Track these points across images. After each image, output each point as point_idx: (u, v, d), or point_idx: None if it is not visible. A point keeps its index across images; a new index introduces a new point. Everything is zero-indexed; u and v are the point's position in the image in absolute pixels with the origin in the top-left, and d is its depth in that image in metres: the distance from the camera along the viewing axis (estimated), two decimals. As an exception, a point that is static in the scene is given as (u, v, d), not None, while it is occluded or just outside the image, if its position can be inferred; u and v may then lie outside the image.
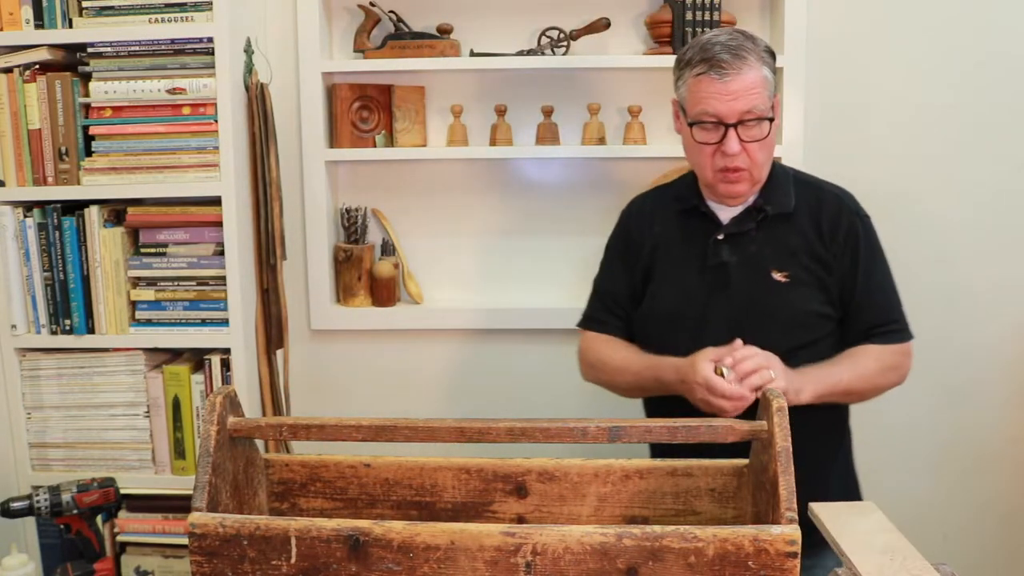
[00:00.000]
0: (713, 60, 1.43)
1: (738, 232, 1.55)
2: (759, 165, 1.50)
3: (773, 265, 1.53)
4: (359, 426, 1.11)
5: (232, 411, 1.14)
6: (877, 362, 1.52)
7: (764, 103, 1.45)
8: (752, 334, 1.47)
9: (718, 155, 1.48)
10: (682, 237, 1.60)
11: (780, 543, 0.91)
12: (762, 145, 1.48)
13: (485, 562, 0.95)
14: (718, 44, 1.45)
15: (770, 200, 1.55)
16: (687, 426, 1.10)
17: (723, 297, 1.54)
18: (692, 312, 1.55)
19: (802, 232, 1.54)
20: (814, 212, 1.56)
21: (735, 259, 1.54)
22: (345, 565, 0.97)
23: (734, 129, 1.45)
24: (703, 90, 1.45)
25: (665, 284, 1.60)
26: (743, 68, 1.43)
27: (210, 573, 0.99)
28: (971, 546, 2.32)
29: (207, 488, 1.03)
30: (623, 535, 0.93)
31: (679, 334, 1.54)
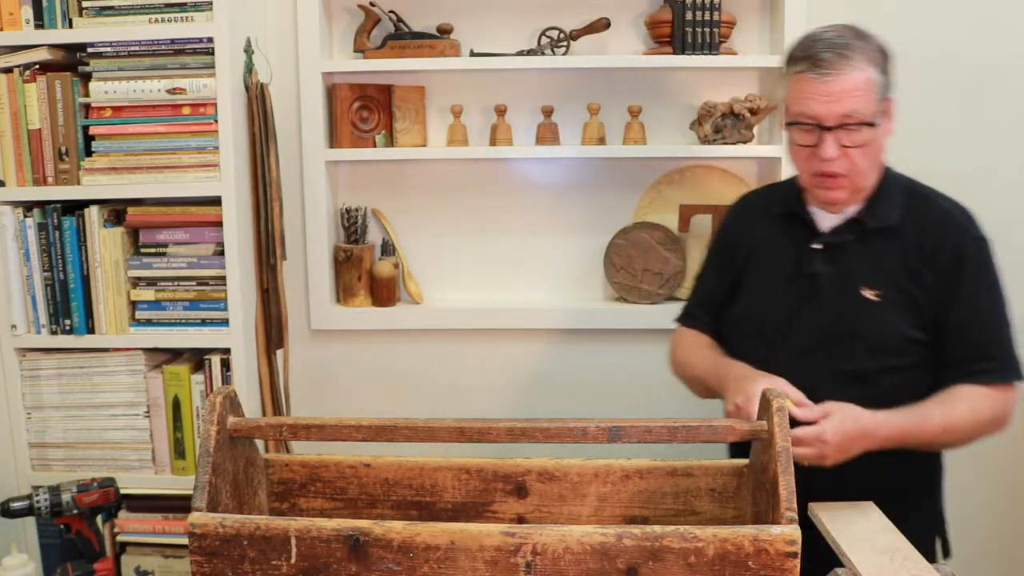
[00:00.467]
0: (814, 58, 1.37)
1: (835, 243, 1.47)
2: (860, 172, 1.42)
3: (865, 281, 1.45)
4: (359, 426, 1.11)
5: (232, 411, 1.14)
6: (971, 409, 1.39)
7: (867, 107, 1.37)
8: (834, 352, 1.44)
9: (815, 159, 1.40)
10: (778, 242, 1.54)
11: (780, 543, 0.91)
12: (864, 151, 1.39)
13: (485, 562, 0.95)
14: (822, 41, 1.38)
15: (873, 212, 1.46)
16: (687, 426, 1.10)
17: (809, 309, 1.47)
18: (776, 320, 1.50)
19: (903, 249, 1.45)
20: (920, 228, 1.45)
21: (828, 271, 1.47)
22: (345, 565, 0.97)
23: (832, 133, 1.37)
24: (802, 90, 1.39)
25: (754, 288, 1.56)
26: (845, 68, 1.36)
27: (210, 573, 0.99)
28: (971, 546, 2.32)
29: (207, 488, 1.03)
30: (623, 535, 0.93)
31: (760, 341, 1.50)
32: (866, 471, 1.33)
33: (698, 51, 2.11)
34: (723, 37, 2.12)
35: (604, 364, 2.33)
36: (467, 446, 1.18)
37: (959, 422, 1.38)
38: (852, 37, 1.39)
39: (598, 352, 2.32)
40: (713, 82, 2.22)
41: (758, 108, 2.14)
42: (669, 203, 2.25)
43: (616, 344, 2.31)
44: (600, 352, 2.32)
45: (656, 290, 2.25)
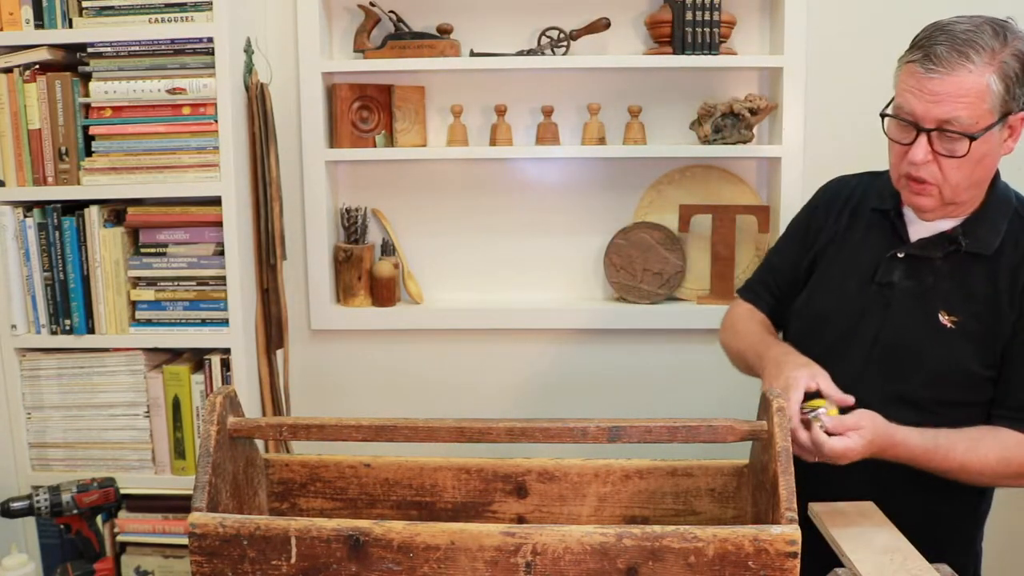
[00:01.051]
0: (929, 50, 1.23)
1: (920, 256, 1.36)
2: (952, 185, 1.28)
3: (944, 305, 1.33)
4: (359, 426, 1.11)
5: (232, 411, 1.14)
6: (1001, 457, 1.29)
7: (973, 116, 1.22)
8: (893, 372, 1.35)
9: (906, 159, 1.28)
10: (861, 239, 1.44)
11: (780, 543, 0.91)
12: (961, 163, 1.25)
13: (485, 562, 0.95)
14: (946, 33, 1.24)
15: (970, 233, 1.33)
16: (687, 426, 1.09)
17: (877, 320, 1.38)
18: (840, 324, 1.41)
19: (993, 277, 1.32)
20: (1018, 260, 1.32)
21: (906, 284, 1.36)
22: (345, 565, 0.97)
23: (927, 136, 1.25)
24: (907, 81, 1.26)
25: (825, 283, 1.46)
26: (958, 68, 1.21)
27: (210, 573, 0.99)
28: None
29: (207, 488, 1.03)
30: (623, 535, 0.93)
31: (818, 342, 1.41)
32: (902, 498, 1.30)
33: (698, 51, 2.11)
34: (723, 37, 2.12)
35: (604, 364, 2.33)
36: (467, 446, 1.18)
37: (981, 465, 1.29)
38: (987, 34, 1.23)
39: (598, 352, 2.32)
40: (713, 82, 2.22)
41: (758, 108, 2.14)
42: (669, 203, 2.25)
43: (616, 344, 2.31)
44: (600, 352, 2.32)
45: (656, 290, 2.25)
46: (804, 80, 2.13)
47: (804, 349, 1.39)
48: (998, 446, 1.29)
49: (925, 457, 1.28)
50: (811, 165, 2.14)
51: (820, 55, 2.16)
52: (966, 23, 1.25)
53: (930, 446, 1.27)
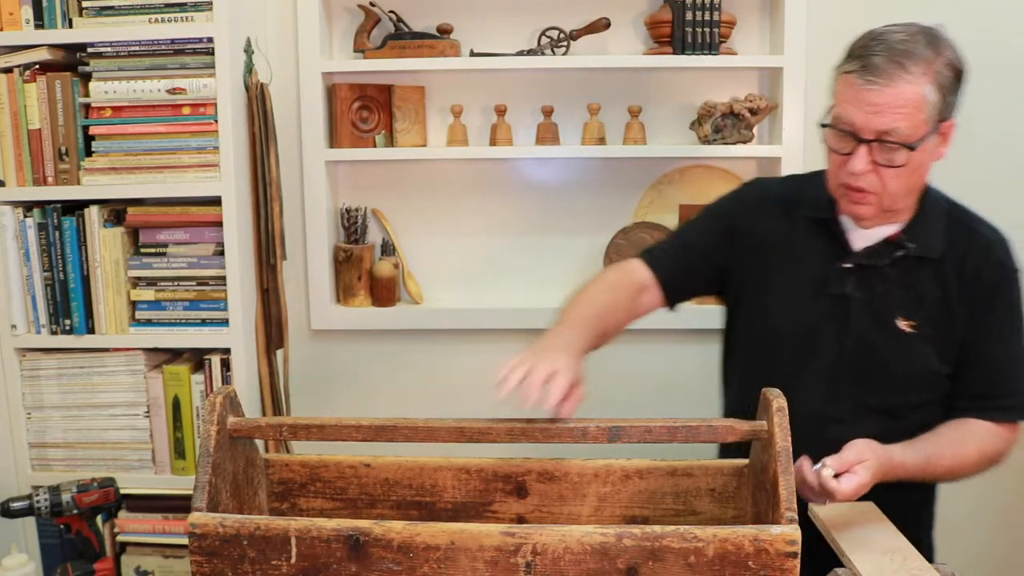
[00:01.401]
0: (866, 61, 1.24)
1: (868, 265, 1.36)
2: (891, 194, 1.29)
3: (900, 311, 1.35)
4: (359, 426, 1.11)
5: (232, 411, 1.14)
6: (979, 451, 1.33)
7: (912, 127, 1.23)
8: (861, 381, 1.37)
9: (845, 168, 1.29)
10: (804, 252, 1.41)
11: (780, 543, 0.91)
12: (899, 172, 1.26)
13: (485, 562, 0.95)
14: (883, 43, 1.24)
15: (916, 238, 1.35)
16: (687, 426, 1.09)
17: (837, 332, 1.38)
18: (798, 339, 1.39)
19: (941, 279, 1.35)
20: (961, 258, 1.35)
21: (859, 295, 1.36)
22: (345, 565, 0.96)
23: (867, 146, 1.25)
24: (846, 92, 1.27)
25: (777, 298, 1.43)
26: (896, 80, 1.22)
27: (210, 573, 0.99)
28: (971, 546, 2.32)
29: (207, 488, 1.03)
30: (623, 535, 0.93)
31: (782, 354, 1.41)
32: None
33: (698, 51, 2.11)
34: (723, 37, 2.12)
35: (604, 364, 2.31)
36: (467, 446, 1.18)
37: (965, 464, 1.33)
38: (920, 44, 1.24)
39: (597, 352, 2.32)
40: (713, 82, 2.22)
41: (758, 108, 2.14)
42: (669, 203, 2.25)
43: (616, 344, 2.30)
44: (599, 352, 2.31)
45: (656, 290, 2.25)
46: (804, 80, 2.13)
47: (765, 368, 1.40)
48: (975, 441, 1.34)
49: (920, 471, 1.29)
50: (811, 165, 2.13)
51: (820, 55, 2.15)
52: (901, 32, 1.26)
53: (922, 459, 1.29)
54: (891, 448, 1.26)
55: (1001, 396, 1.37)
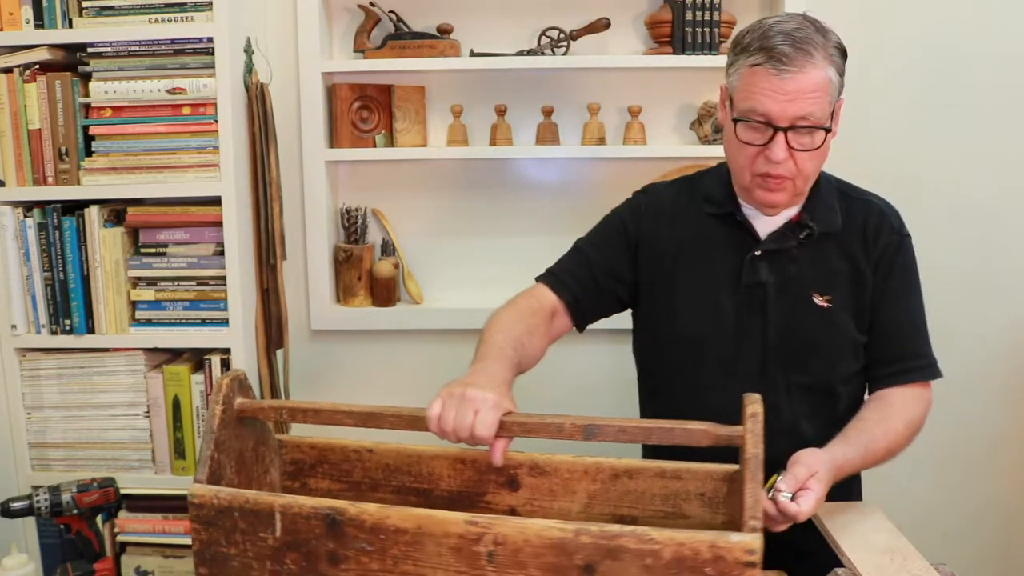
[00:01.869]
0: (773, 51, 1.26)
1: (777, 249, 1.39)
2: (805, 176, 1.33)
3: (815, 288, 1.39)
4: (350, 412, 1.15)
5: (242, 393, 1.18)
6: (906, 423, 1.36)
7: (823, 109, 1.28)
8: (791, 364, 1.38)
9: (761, 159, 1.31)
10: (711, 248, 1.43)
11: (738, 551, 0.90)
12: (812, 155, 1.31)
13: (450, 548, 0.97)
14: (781, 33, 1.26)
15: (816, 216, 1.39)
16: (662, 427, 1.08)
17: (758, 321, 1.39)
18: (722, 336, 1.41)
19: (846, 252, 1.40)
20: (860, 229, 1.41)
21: (773, 279, 1.39)
22: (323, 542, 1.01)
23: (784, 134, 1.28)
24: (756, 84, 1.28)
25: (689, 301, 1.43)
26: (806, 66, 1.25)
27: (207, 540, 1.05)
28: (971, 546, 2.32)
29: (208, 463, 1.09)
30: (580, 532, 0.93)
31: (705, 361, 1.41)
32: None
33: (698, 51, 2.11)
34: (723, 37, 2.12)
35: (603, 364, 2.33)
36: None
37: (897, 440, 1.35)
38: (812, 31, 1.28)
39: (597, 352, 2.32)
40: (713, 82, 2.21)
41: (758, 108, 2.14)
42: (669, 203, 2.24)
43: (616, 344, 2.31)
44: (599, 352, 2.32)
45: (656, 290, 2.25)
46: (804, 80, 2.13)
47: (690, 372, 1.41)
48: (899, 415, 1.35)
49: (861, 462, 1.30)
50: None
51: (820, 55, 2.16)
52: (790, 23, 1.28)
53: (862, 452, 1.29)
54: (832, 450, 1.26)
55: (911, 357, 1.40)
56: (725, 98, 1.38)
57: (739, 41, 1.33)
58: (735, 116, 1.32)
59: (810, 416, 1.40)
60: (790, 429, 1.38)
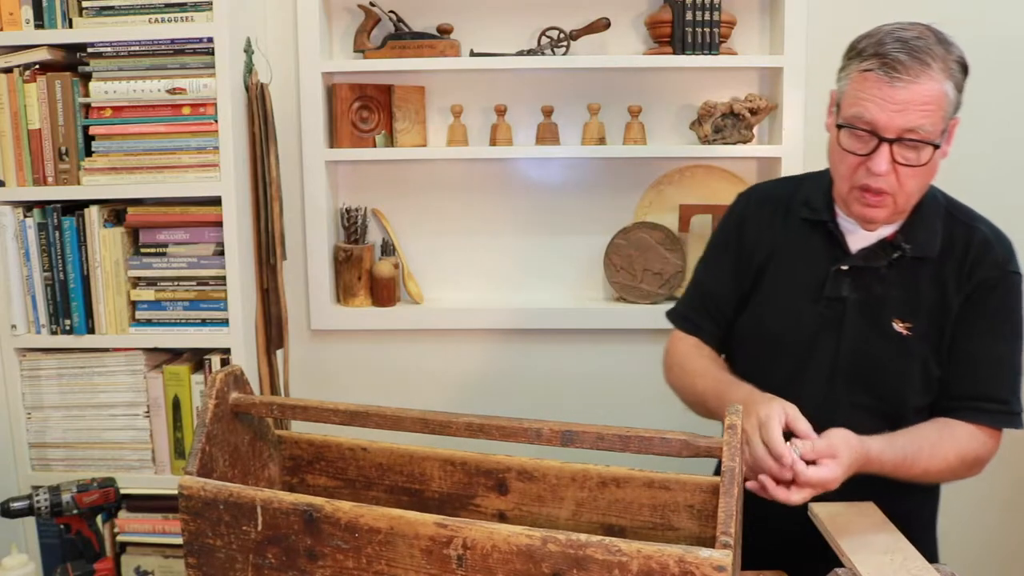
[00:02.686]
0: (887, 58, 1.19)
1: (865, 267, 1.34)
2: (907, 194, 1.26)
3: (897, 313, 1.32)
4: (336, 410, 1.17)
5: (238, 388, 1.19)
6: (958, 455, 1.30)
7: (935, 124, 1.20)
8: (858, 384, 1.35)
9: (862, 170, 1.25)
10: (800, 253, 1.39)
11: (707, 567, 0.88)
12: (917, 172, 1.24)
13: (421, 550, 0.98)
14: (899, 40, 1.20)
15: (912, 238, 1.32)
16: (640, 436, 1.07)
17: (833, 335, 1.35)
18: (797, 344, 1.37)
19: (939, 280, 1.32)
20: (959, 257, 1.32)
21: (855, 296, 1.34)
22: (302, 537, 1.02)
23: (889, 145, 1.21)
24: (866, 90, 1.21)
25: (773, 304, 1.41)
26: (921, 76, 1.18)
27: (195, 531, 1.08)
28: (971, 546, 2.32)
29: (199, 455, 1.11)
30: (548, 539, 0.93)
31: (780, 360, 1.39)
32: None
33: (698, 51, 2.11)
34: (723, 37, 2.12)
35: (604, 364, 2.33)
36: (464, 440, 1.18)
37: (943, 466, 1.30)
38: (934, 41, 1.21)
39: (598, 352, 2.32)
40: (713, 82, 2.22)
41: (758, 108, 2.15)
42: (669, 203, 2.25)
43: (616, 344, 2.31)
44: (600, 352, 2.32)
45: (656, 290, 2.25)
46: (804, 80, 2.13)
47: (762, 374, 1.38)
48: (954, 444, 1.30)
49: (895, 468, 1.26)
50: (811, 165, 2.14)
51: (820, 55, 2.16)
52: (911, 30, 1.23)
53: (899, 457, 1.25)
54: (869, 441, 1.23)
55: (985, 399, 1.32)
56: (833, 103, 1.32)
57: (854, 46, 1.27)
58: (839, 122, 1.27)
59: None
60: None
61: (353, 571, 1.01)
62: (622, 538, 0.93)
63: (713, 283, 1.50)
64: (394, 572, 0.99)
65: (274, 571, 1.05)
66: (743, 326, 1.46)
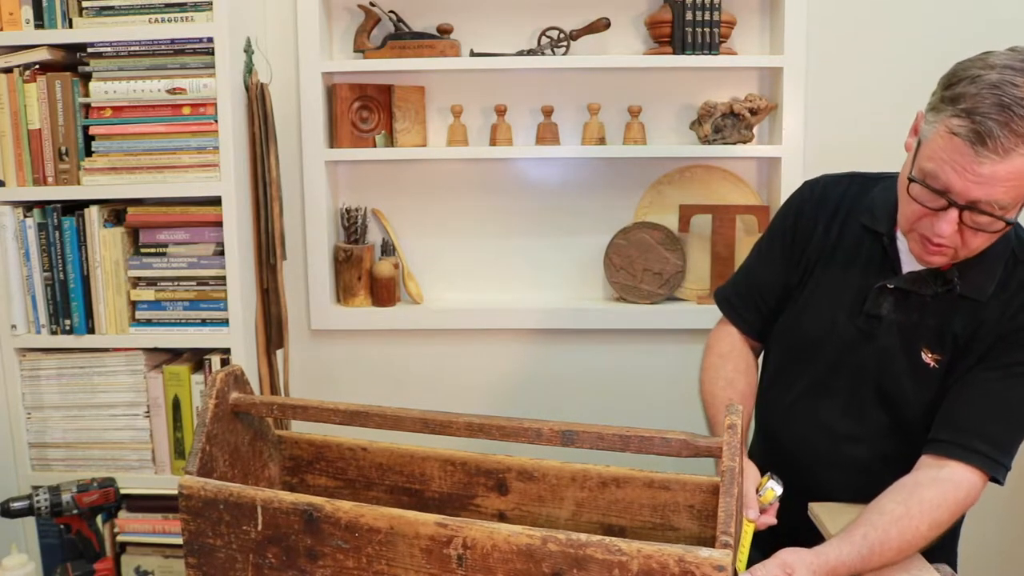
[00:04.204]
0: (980, 126, 1.07)
1: (910, 291, 1.29)
2: (971, 250, 1.20)
3: (928, 343, 1.29)
4: (336, 410, 1.17)
5: (238, 388, 1.20)
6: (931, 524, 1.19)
7: (1013, 200, 1.12)
8: (881, 404, 1.33)
9: (927, 221, 1.18)
10: (852, 260, 1.35)
11: (707, 567, 0.89)
12: (982, 236, 1.17)
13: (421, 550, 0.98)
14: (999, 105, 1.06)
15: (966, 277, 1.26)
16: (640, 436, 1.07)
17: (863, 352, 1.33)
18: (829, 353, 1.36)
19: (981, 318, 1.26)
20: (1009, 296, 1.26)
21: (893, 317, 1.31)
22: (302, 537, 1.03)
23: (959, 211, 1.14)
24: (947, 150, 1.11)
25: (814, 308, 1.38)
26: (1012, 152, 1.07)
27: (195, 531, 1.08)
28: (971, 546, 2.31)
29: (199, 455, 1.11)
30: (548, 539, 0.93)
31: (810, 365, 1.38)
32: None
33: (698, 51, 2.11)
34: (723, 37, 2.12)
35: (604, 364, 2.33)
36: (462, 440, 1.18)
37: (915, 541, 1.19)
38: None
39: (598, 352, 2.32)
40: (713, 82, 2.22)
41: (758, 108, 2.14)
42: (669, 203, 2.25)
43: (616, 344, 2.31)
44: (600, 352, 2.32)
45: (656, 290, 2.25)
46: (804, 80, 2.13)
47: (791, 376, 1.40)
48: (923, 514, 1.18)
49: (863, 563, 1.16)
50: (811, 165, 2.14)
51: (820, 55, 2.16)
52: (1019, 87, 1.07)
53: (865, 552, 1.15)
54: (825, 550, 1.15)
55: (981, 439, 1.22)
56: (914, 132, 1.23)
57: (952, 83, 1.13)
58: (912, 174, 1.18)
59: (890, 459, 1.33)
60: (867, 467, 1.36)
61: (353, 571, 1.01)
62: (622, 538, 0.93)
63: (762, 271, 1.48)
64: (394, 572, 0.99)
65: (274, 571, 1.05)
66: (782, 324, 1.44)
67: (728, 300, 1.53)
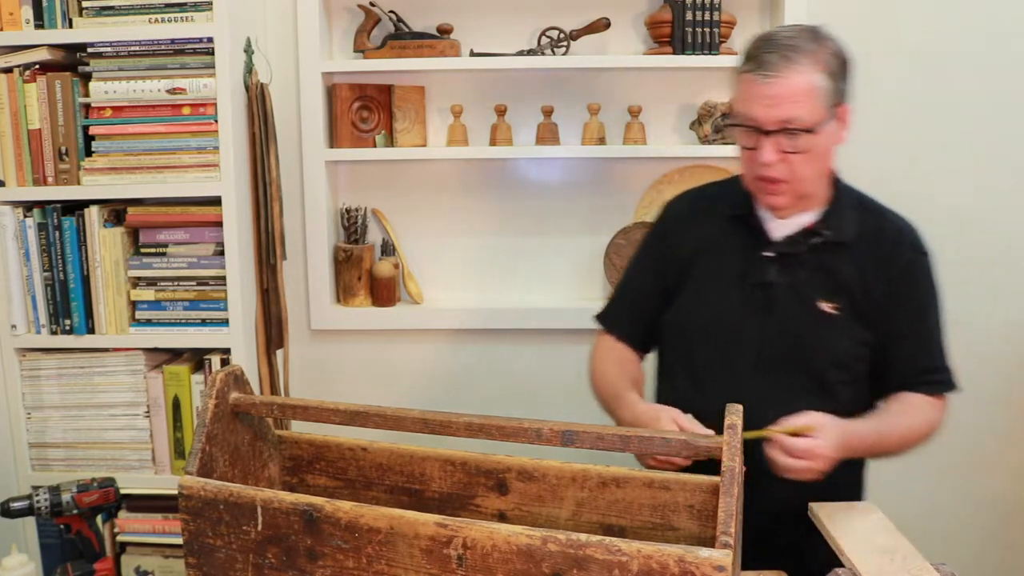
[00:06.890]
0: (759, 59, 1.33)
1: (789, 252, 1.43)
2: (801, 179, 1.37)
3: (822, 295, 1.42)
4: (336, 410, 1.18)
5: (238, 388, 1.20)
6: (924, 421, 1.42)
7: (809, 113, 1.32)
8: (792, 365, 1.41)
9: (755, 162, 1.37)
10: (726, 247, 1.48)
11: (707, 567, 0.88)
12: (806, 158, 1.35)
13: (421, 550, 0.98)
14: (772, 42, 1.34)
15: (830, 225, 1.43)
16: (641, 436, 1.08)
17: (761, 320, 1.43)
18: (725, 330, 1.45)
19: (857, 263, 1.42)
20: (872, 242, 1.43)
21: (782, 281, 1.43)
22: (302, 537, 1.03)
23: (770, 137, 1.34)
24: (746, 90, 1.36)
25: (700, 296, 1.49)
26: (788, 72, 1.31)
27: (195, 531, 1.08)
28: (971, 546, 2.32)
29: (199, 455, 1.11)
30: (548, 539, 0.93)
31: (707, 348, 1.46)
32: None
33: (698, 51, 2.11)
34: (723, 37, 2.12)
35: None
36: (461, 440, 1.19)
37: (913, 434, 1.41)
38: (806, 39, 1.34)
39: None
40: (713, 82, 2.22)
41: (758, 108, 2.14)
42: (669, 203, 2.25)
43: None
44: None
45: (656, 290, 2.25)
46: (804, 80, 2.13)
47: (690, 363, 1.47)
48: (917, 414, 1.41)
49: (874, 443, 1.37)
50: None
51: (820, 55, 2.16)
52: (786, 31, 1.36)
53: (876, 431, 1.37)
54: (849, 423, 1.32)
55: (930, 371, 1.44)
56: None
57: (743, 51, 1.40)
58: (731, 122, 1.41)
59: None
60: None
61: (353, 571, 1.01)
62: (622, 538, 0.93)
63: (635, 282, 1.61)
64: (394, 572, 0.99)
65: (274, 571, 1.05)
66: (671, 318, 1.52)
67: (604, 313, 1.64)
